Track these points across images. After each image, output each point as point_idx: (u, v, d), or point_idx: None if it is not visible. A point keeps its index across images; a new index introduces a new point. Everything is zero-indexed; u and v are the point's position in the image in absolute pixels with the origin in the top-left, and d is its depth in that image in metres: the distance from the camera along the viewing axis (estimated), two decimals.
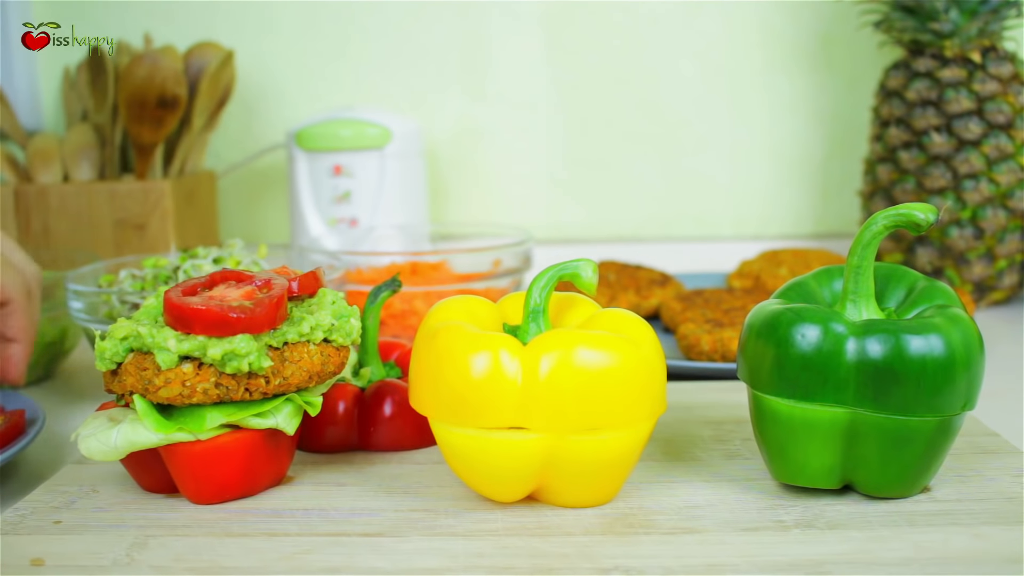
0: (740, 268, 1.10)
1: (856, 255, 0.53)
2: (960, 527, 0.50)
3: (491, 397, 0.50)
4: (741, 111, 1.27)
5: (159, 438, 0.52)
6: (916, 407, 0.50)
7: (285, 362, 0.54)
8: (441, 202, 1.30)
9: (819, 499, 0.54)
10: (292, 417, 0.55)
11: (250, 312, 0.52)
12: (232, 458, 0.54)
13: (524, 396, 0.50)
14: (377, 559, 0.48)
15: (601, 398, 0.50)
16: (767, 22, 1.25)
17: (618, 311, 0.54)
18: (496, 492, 0.53)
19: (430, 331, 0.53)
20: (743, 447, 0.62)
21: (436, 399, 0.52)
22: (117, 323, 0.55)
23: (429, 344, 0.53)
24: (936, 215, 0.51)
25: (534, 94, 1.27)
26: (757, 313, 0.55)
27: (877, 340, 0.50)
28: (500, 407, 0.50)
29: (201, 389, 0.52)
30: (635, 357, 0.51)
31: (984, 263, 1.04)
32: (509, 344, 0.51)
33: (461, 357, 0.50)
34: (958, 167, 1.02)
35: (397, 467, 0.60)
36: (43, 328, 0.85)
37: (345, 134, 1.14)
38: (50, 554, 0.49)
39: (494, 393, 0.50)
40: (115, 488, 0.57)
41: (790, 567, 0.46)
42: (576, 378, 0.49)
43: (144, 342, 0.53)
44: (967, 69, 1.03)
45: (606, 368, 0.50)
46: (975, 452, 0.60)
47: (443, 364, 0.51)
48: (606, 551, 0.48)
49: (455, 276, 0.99)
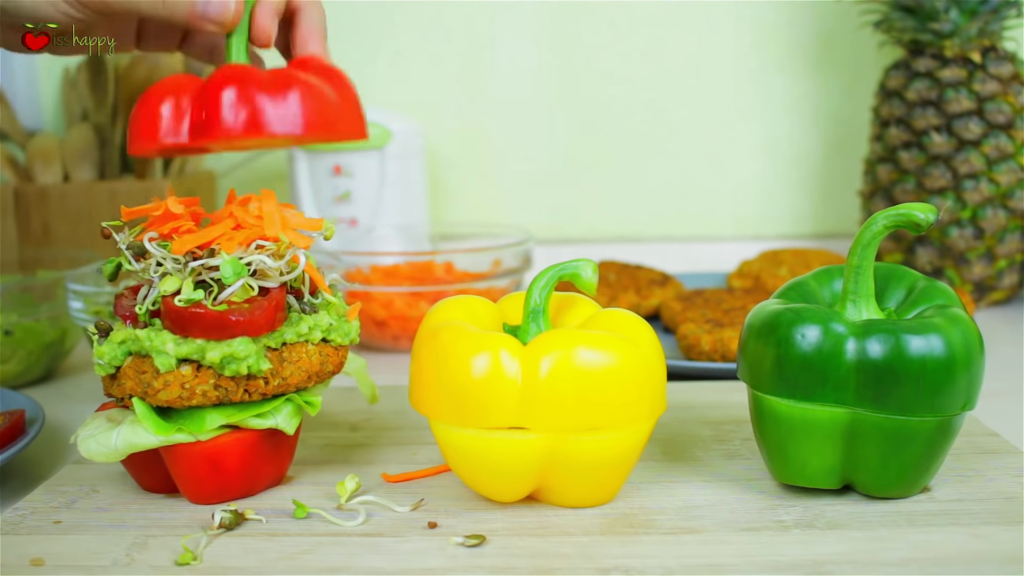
0: (740, 268, 1.10)
1: (856, 255, 0.53)
2: (960, 527, 0.50)
3: (491, 397, 0.50)
4: (741, 111, 1.27)
5: (159, 440, 0.52)
6: (916, 407, 0.50)
7: (284, 363, 0.54)
8: (441, 202, 1.30)
9: (819, 499, 0.54)
10: (292, 417, 0.55)
11: (248, 315, 0.52)
12: (232, 458, 0.54)
13: (524, 396, 0.50)
14: (377, 559, 0.48)
15: (601, 398, 0.50)
16: (767, 22, 1.25)
17: (618, 311, 0.54)
18: (496, 492, 0.53)
19: (431, 331, 0.53)
20: (743, 447, 0.62)
21: (437, 399, 0.52)
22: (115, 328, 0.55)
23: (430, 344, 0.53)
24: (936, 215, 0.51)
25: (534, 94, 1.27)
26: (757, 313, 0.55)
27: (877, 340, 0.50)
28: (500, 407, 0.50)
29: (200, 391, 0.52)
30: (635, 357, 0.51)
31: (984, 263, 1.04)
32: (509, 344, 0.51)
33: (462, 357, 0.50)
34: (958, 167, 1.02)
35: (397, 467, 0.60)
36: (43, 328, 0.85)
37: None
38: (50, 554, 0.49)
39: (494, 393, 0.50)
40: (115, 488, 0.57)
41: (790, 567, 0.46)
42: (576, 378, 0.49)
43: (142, 345, 0.52)
44: (967, 69, 1.03)
45: (606, 368, 0.50)
46: (975, 452, 0.60)
47: (444, 364, 0.51)
48: (606, 551, 0.48)
49: (455, 276, 0.99)
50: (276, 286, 0.54)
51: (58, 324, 0.86)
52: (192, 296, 0.51)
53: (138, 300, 0.54)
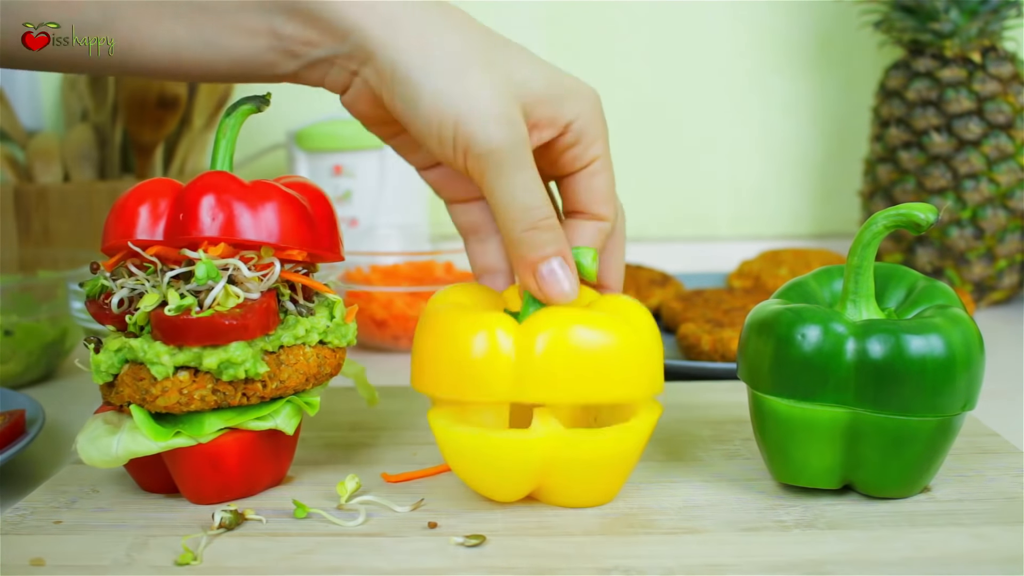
0: (740, 268, 1.10)
1: (856, 255, 0.53)
2: (960, 527, 0.50)
3: (488, 372, 0.50)
4: (741, 111, 1.27)
5: (158, 446, 0.52)
6: (916, 407, 0.50)
7: (281, 365, 0.54)
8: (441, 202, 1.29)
9: (819, 499, 0.54)
10: (292, 417, 0.55)
11: (241, 318, 0.52)
12: (232, 458, 0.54)
13: (520, 371, 0.50)
14: (377, 559, 0.48)
15: (596, 372, 0.50)
16: (767, 22, 1.25)
17: (618, 297, 0.56)
18: (496, 492, 0.53)
19: (431, 312, 0.54)
20: (743, 447, 0.62)
21: (436, 377, 0.53)
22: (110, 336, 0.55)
23: (430, 325, 0.54)
24: (936, 215, 0.51)
25: None
26: (757, 313, 0.55)
27: (877, 340, 0.50)
28: (498, 382, 0.50)
29: (199, 396, 0.52)
30: (629, 335, 0.51)
31: (984, 263, 1.04)
32: (505, 323, 0.51)
33: (461, 335, 0.51)
34: (958, 167, 1.02)
35: (397, 467, 0.60)
36: (43, 328, 0.85)
37: (345, 134, 1.14)
38: (50, 554, 0.49)
39: (491, 369, 0.50)
40: (115, 488, 0.57)
41: (790, 567, 0.46)
42: (570, 351, 0.50)
43: (137, 355, 0.52)
44: (967, 69, 1.03)
45: (600, 343, 0.50)
46: (975, 452, 0.60)
47: (442, 343, 0.52)
48: (606, 551, 0.48)
49: (455, 276, 0.99)
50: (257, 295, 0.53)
51: (58, 324, 0.86)
52: (182, 303, 0.51)
53: (112, 306, 0.54)
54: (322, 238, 0.57)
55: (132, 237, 0.54)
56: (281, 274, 0.54)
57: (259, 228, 0.54)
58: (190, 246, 0.53)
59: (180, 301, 0.51)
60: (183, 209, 0.53)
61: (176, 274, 0.53)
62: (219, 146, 0.58)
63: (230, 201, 0.53)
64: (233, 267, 0.53)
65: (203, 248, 0.53)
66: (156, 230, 0.54)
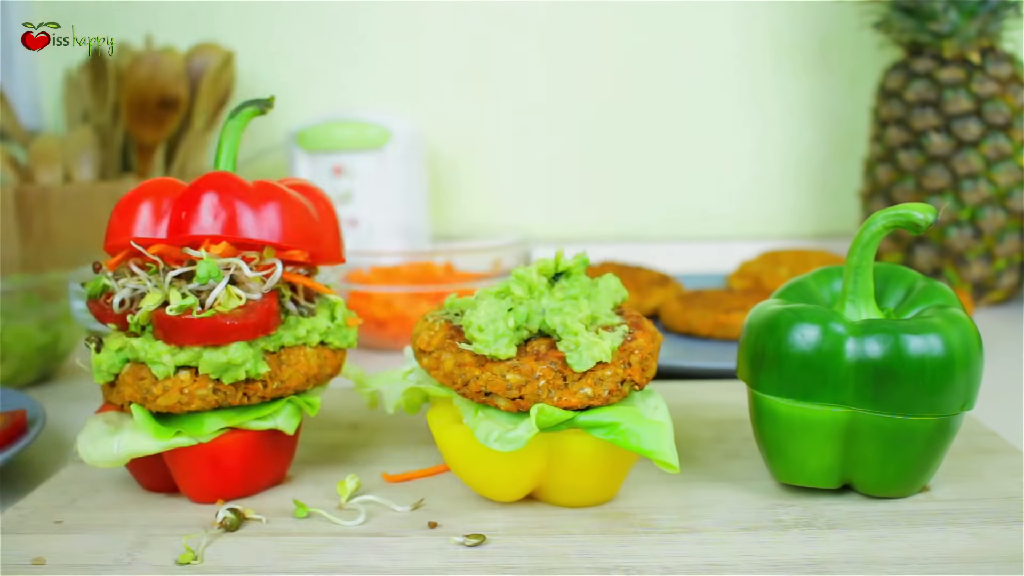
0: (740, 268, 1.10)
1: (855, 255, 0.53)
2: (959, 527, 0.50)
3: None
4: (741, 112, 1.27)
5: (159, 446, 0.52)
6: (915, 407, 0.50)
7: (282, 366, 0.54)
8: (441, 202, 1.30)
9: (819, 499, 0.54)
10: (292, 417, 0.55)
11: (242, 318, 0.52)
12: (233, 458, 0.54)
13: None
14: (377, 559, 0.48)
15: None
16: (767, 23, 1.25)
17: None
18: (496, 492, 0.54)
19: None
20: (743, 447, 0.62)
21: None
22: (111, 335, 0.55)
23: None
24: (935, 215, 0.51)
25: (535, 95, 1.27)
26: (757, 313, 0.55)
27: (876, 340, 0.50)
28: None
29: (199, 396, 0.52)
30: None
31: (983, 263, 1.04)
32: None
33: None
34: (957, 167, 1.02)
35: (397, 467, 0.60)
36: (33, 333, 0.84)
37: (345, 134, 1.14)
38: (51, 553, 0.49)
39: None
40: (116, 488, 0.58)
41: (790, 567, 0.46)
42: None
43: (138, 355, 0.52)
44: (966, 70, 1.03)
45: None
46: (974, 452, 0.60)
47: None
48: (606, 551, 0.48)
49: (455, 276, 0.99)
50: (259, 296, 0.54)
51: (49, 328, 0.85)
52: (183, 303, 0.51)
53: (114, 306, 0.54)
54: (324, 240, 0.57)
55: (134, 235, 0.54)
56: (283, 275, 0.55)
57: (261, 228, 0.54)
58: (192, 244, 0.53)
59: (182, 301, 0.51)
60: (186, 207, 0.53)
61: (178, 274, 0.53)
62: (222, 148, 0.58)
63: (233, 200, 0.54)
64: (235, 267, 0.53)
65: (205, 247, 0.53)
66: (159, 228, 0.54)
